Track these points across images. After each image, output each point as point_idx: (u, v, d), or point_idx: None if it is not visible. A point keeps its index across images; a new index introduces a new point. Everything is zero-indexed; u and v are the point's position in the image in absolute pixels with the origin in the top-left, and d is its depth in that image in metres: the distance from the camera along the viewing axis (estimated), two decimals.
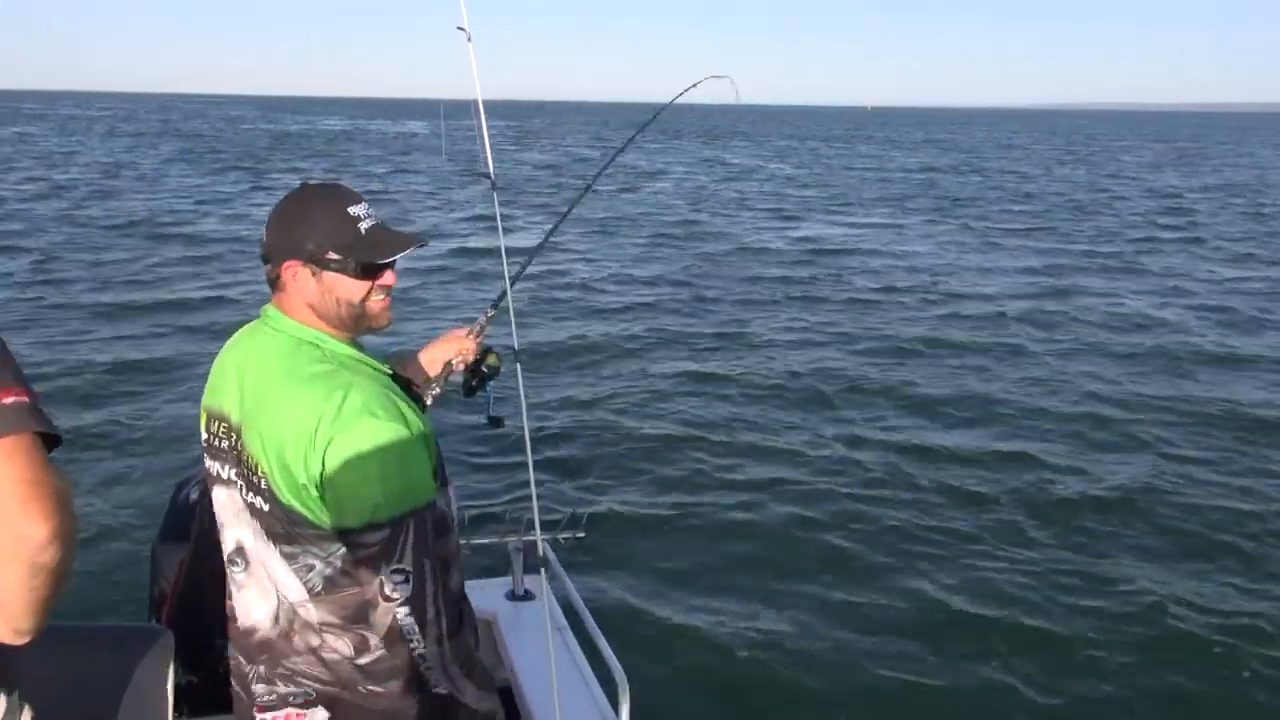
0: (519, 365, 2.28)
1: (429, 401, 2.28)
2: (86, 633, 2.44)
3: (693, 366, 9.98)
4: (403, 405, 1.73)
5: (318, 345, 1.75)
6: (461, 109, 2.36)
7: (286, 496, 1.69)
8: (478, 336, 2.34)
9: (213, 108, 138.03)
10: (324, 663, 1.78)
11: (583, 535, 3.15)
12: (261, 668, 1.82)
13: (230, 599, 1.90)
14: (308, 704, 1.81)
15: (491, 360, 2.31)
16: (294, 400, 1.68)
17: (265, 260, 1.78)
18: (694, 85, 3.19)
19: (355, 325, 1.79)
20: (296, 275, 1.75)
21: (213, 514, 1.90)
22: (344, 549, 1.71)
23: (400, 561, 1.67)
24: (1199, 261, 17.70)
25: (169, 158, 37.93)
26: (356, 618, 1.75)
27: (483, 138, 2.25)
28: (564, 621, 2.92)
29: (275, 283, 1.78)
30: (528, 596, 3.17)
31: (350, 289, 1.76)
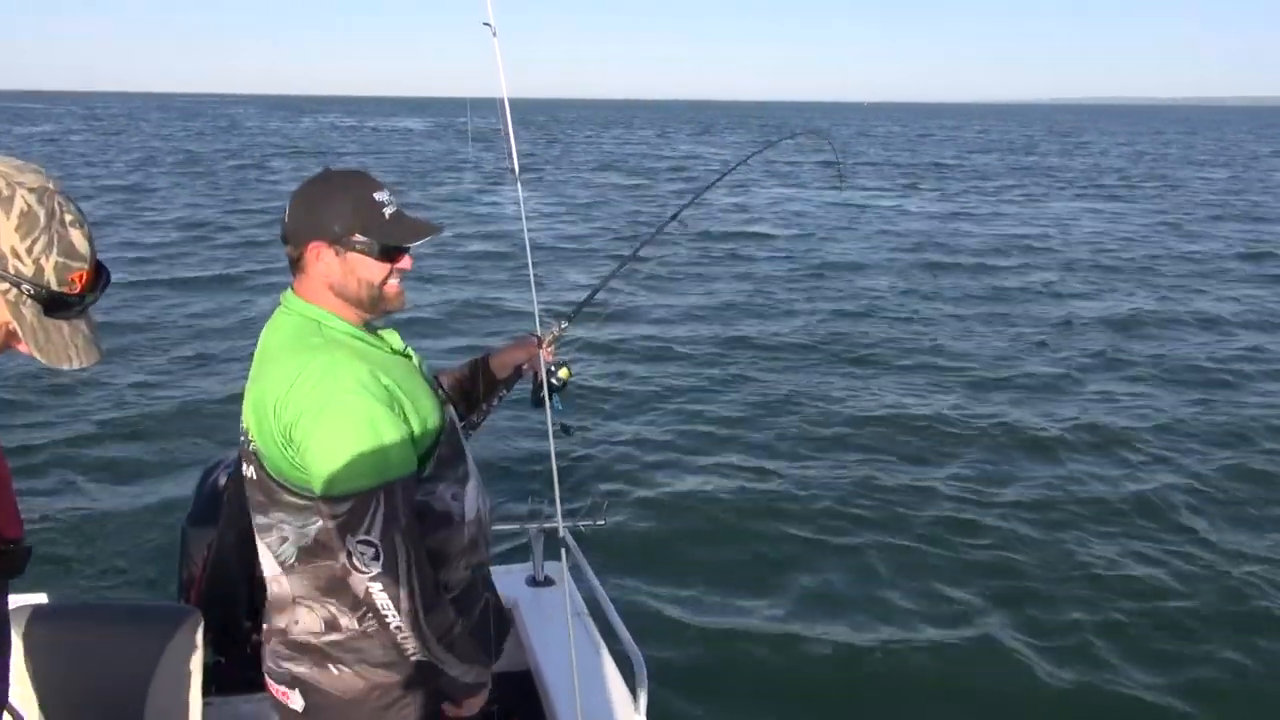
0: (541, 354, 2.30)
1: (494, 404, 2.34)
2: (118, 611, 2.50)
3: (721, 361, 9.99)
4: (394, 386, 1.76)
5: (319, 323, 1.81)
6: (486, 106, 2.39)
7: (270, 462, 1.77)
8: (550, 346, 2.39)
9: (230, 106, 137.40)
10: (295, 643, 1.85)
11: (603, 523, 3.17)
12: (267, 641, 1.91)
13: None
14: (290, 684, 1.88)
15: (563, 373, 2.37)
16: (279, 369, 1.75)
17: (285, 241, 1.84)
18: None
19: (373, 306, 1.85)
20: (320, 256, 1.80)
21: (241, 498, 1.95)
22: (319, 520, 1.76)
23: (368, 534, 1.68)
24: None
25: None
26: (329, 590, 1.80)
27: (507, 132, 2.29)
28: (584, 607, 2.94)
29: (296, 264, 1.84)
30: (548, 582, 3.20)
31: (371, 271, 1.82)
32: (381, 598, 1.71)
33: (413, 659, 1.81)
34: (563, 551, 2.61)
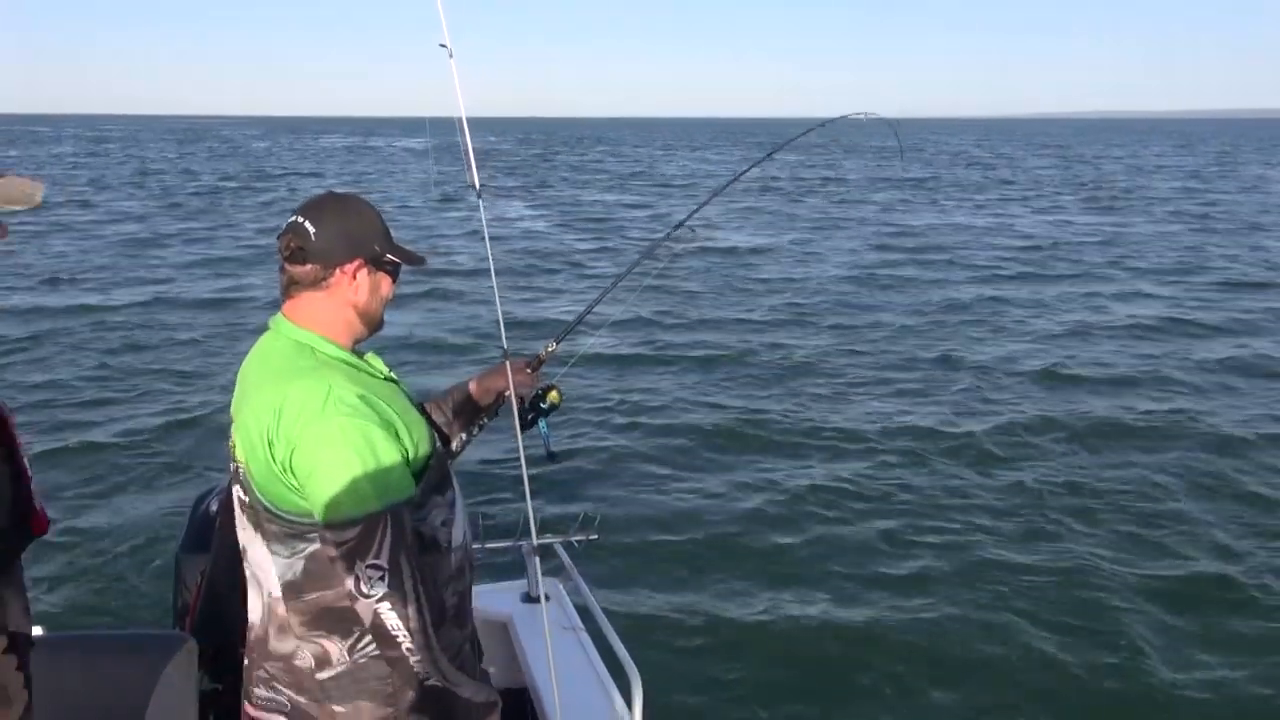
0: (523, 378, 2.31)
1: (476, 431, 2.30)
2: (113, 640, 2.50)
3: (712, 376, 10.01)
4: (388, 408, 1.75)
5: (312, 348, 1.79)
6: (447, 125, 2.40)
7: (260, 488, 1.75)
8: (536, 370, 2.36)
9: (223, 128, 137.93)
10: (293, 671, 1.80)
11: (596, 538, 3.17)
12: (254, 667, 1.86)
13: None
14: (281, 716, 1.83)
15: (552, 397, 2.33)
16: (272, 394, 1.73)
17: (302, 262, 1.78)
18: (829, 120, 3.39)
19: (379, 325, 1.89)
20: (356, 275, 1.82)
21: (232, 524, 1.95)
22: (311, 548, 1.73)
23: (377, 557, 1.66)
24: None
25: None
26: (318, 625, 1.77)
27: (467, 150, 2.32)
28: (578, 622, 2.94)
29: (312, 285, 1.80)
30: (542, 598, 3.20)
31: (389, 288, 1.89)
32: (390, 617, 1.67)
33: (425, 683, 1.75)
34: (557, 568, 2.62)
